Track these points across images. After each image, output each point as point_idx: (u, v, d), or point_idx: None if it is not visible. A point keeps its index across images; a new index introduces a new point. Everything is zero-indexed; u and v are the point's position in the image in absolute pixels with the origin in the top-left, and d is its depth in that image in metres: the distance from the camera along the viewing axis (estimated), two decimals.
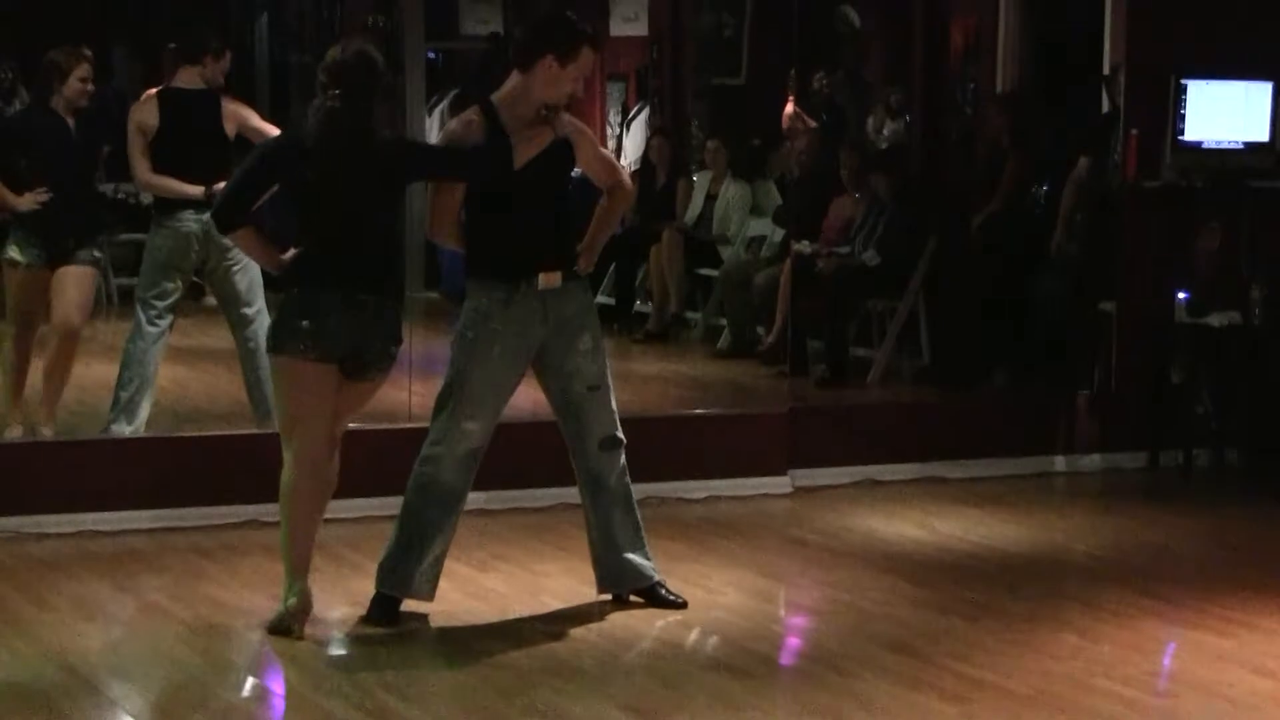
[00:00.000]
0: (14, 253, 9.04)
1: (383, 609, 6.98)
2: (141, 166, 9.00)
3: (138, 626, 6.98)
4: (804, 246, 11.40)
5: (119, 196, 11.43)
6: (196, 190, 8.90)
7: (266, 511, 8.37)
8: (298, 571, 6.81)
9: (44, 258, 8.99)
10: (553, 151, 6.95)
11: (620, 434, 7.15)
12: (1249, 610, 7.34)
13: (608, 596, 7.24)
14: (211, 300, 9.41)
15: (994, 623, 7.11)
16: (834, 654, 6.78)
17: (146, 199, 11.15)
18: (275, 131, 9.03)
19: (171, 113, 9.02)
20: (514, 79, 6.98)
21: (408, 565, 6.98)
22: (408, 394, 9.45)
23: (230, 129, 9.12)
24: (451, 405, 6.95)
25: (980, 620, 7.15)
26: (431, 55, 13.13)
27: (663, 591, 7.22)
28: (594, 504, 7.18)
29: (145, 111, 9.02)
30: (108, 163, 11.83)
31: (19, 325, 9.19)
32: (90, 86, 9.05)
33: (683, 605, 7.19)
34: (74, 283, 8.99)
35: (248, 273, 9.09)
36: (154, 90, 9.15)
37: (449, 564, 7.11)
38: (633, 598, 7.22)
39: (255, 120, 9.17)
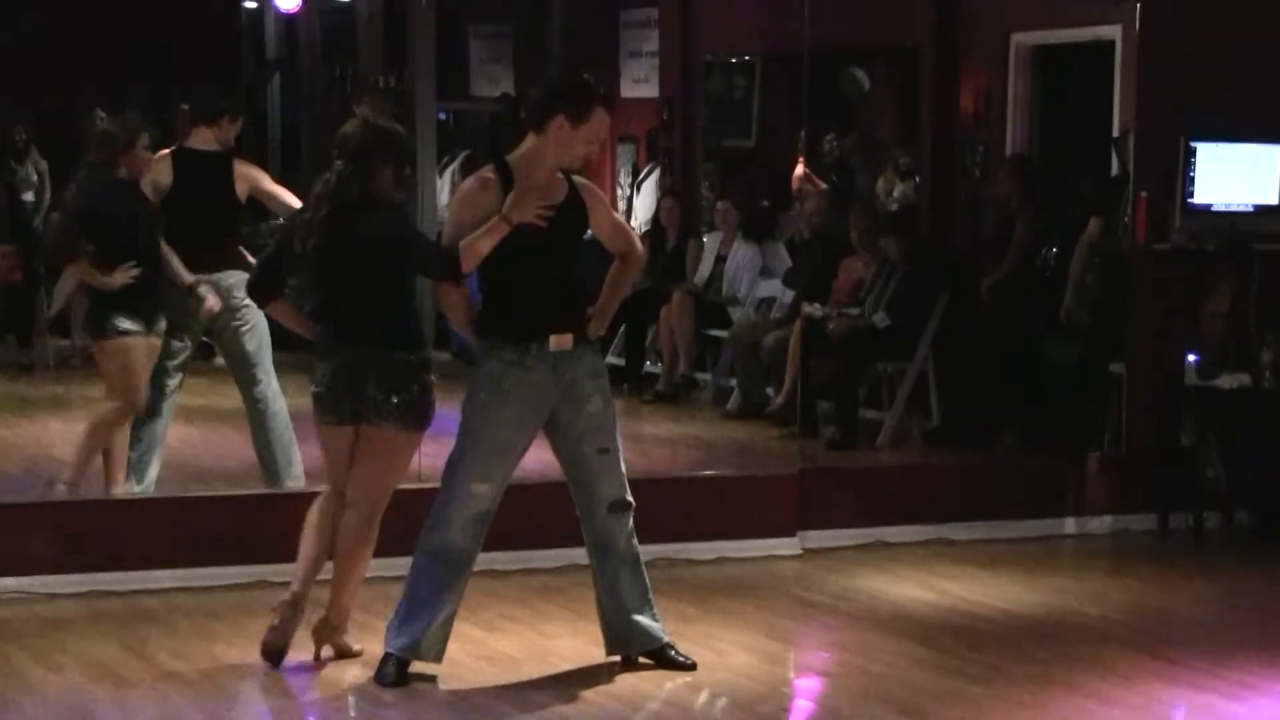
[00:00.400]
0: (127, 323, 8.76)
1: (392, 670, 6.97)
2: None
3: (146, 688, 6.96)
4: (814, 309, 11.42)
5: None
6: (186, 279, 8.89)
7: (275, 572, 8.37)
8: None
9: (149, 328, 8.87)
10: (565, 214, 6.96)
11: (629, 497, 7.14)
12: (1259, 673, 7.32)
13: (616, 658, 7.23)
14: (222, 360, 9.43)
15: (1004, 685, 7.10)
16: (843, 716, 6.77)
17: None
18: (285, 193, 9.08)
19: (184, 173, 9.05)
20: (529, 140, 7.00)
21: (416, 627, 6.97)
22: (418, 455, 9.45)
23: (242, 190, 9.16)
24: (462, 467, 6.95)
25: (991, 683, 7.13)
26: (442, 115, 13.19)
27: (672, 653, 7.21)
28: (602, 566, 7.17)
29: (159, 170, 9.05)
30: None
31: (132, 397, 8.88)
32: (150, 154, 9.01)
33: (692, 667, 7.18)
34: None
35: (257, 334, 9.11)
36: (167, 150, 9.19)
37: (458, 625, 7.10)
38: (642, 659, 7.21)
39: (266, 183, 9.21)
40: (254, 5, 14.59)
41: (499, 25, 14.78)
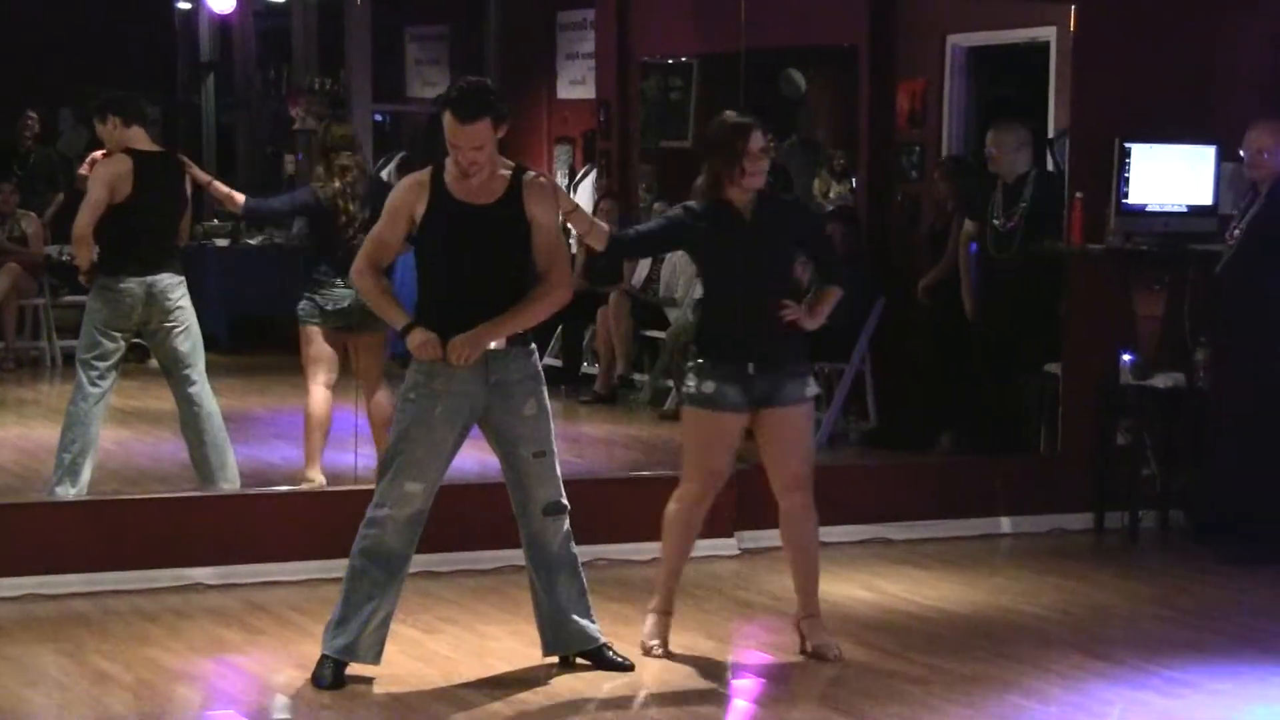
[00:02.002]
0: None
1: (328, 672, 6.93)
2: (90, 220, 8.96)
3: (80, 691, 6.91)
4: None
5: (63, 259, 11.41)
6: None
7: (211, 575, 8.35)
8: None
9: None
10: (504, 213, 6.94)
11: (564, 500, 7.13)
12: (1194, 670, 7.36)
13: (554, 659, 7.21)
14: (155, 362, 9.37)
15: (941, 685, 7.11)
16: (781, 717, 6.77)
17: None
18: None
19: (142, 174, 9.00)
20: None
21: (352, 629, 6.93)
22: (354, 456, 9.43)
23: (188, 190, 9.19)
24: (394, 467, 6.93)
25: (928, 682, 7.14)
26: (379, 117, 13.17)
27: (610, 654, 7.20)
28: (538, 568, 7.16)
29: (120, 170, 9.00)
30: (51, 224, 11.82)
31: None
32: None
33: (630, 668, 7.17)
34: None
35: (190, 335, 9.08)
36: (123, 151, 9.12)
37: (395, 627, 7.07)
38: (580, 660, 7.19)
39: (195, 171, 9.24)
40: (188, 6, 14.53)
41: (435, 27, 14.77)
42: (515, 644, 7.53)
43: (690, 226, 7.29)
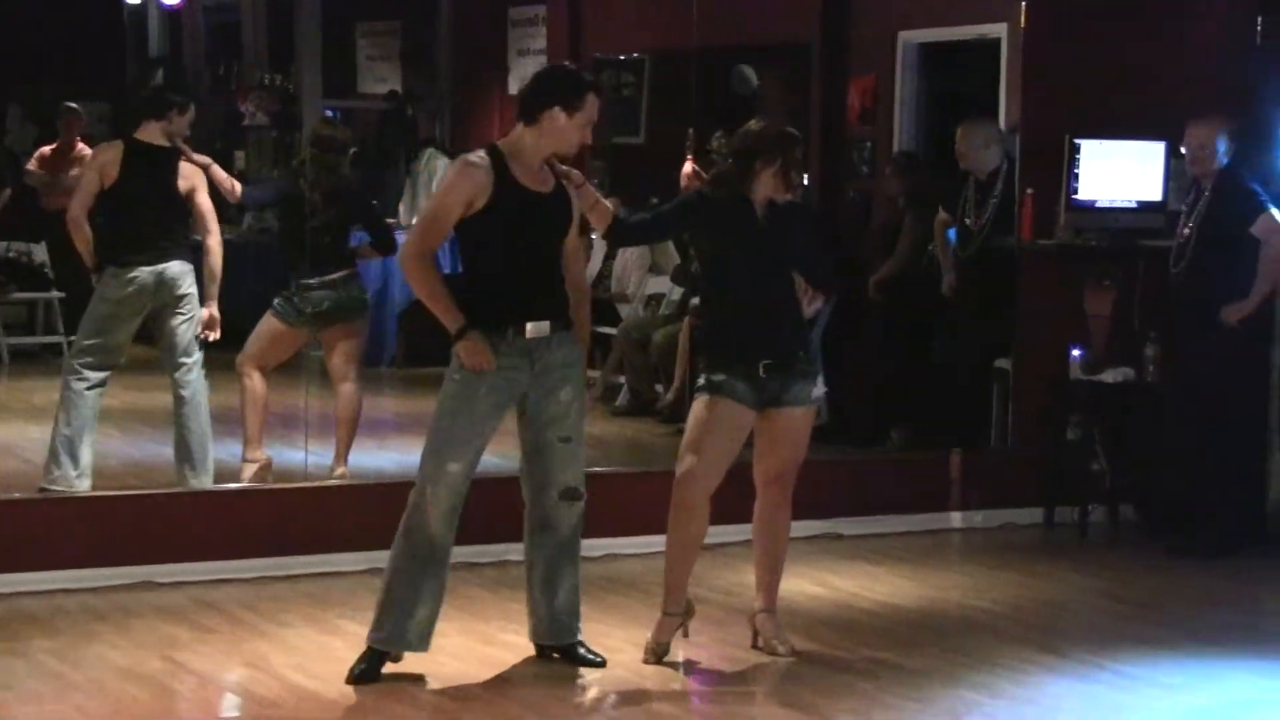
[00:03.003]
0: None
1: (365, 665, 6.91)
2: (79, 204, 9.01)
3: (28, 689, 6.87)
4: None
5: (10, 255, 11.36)
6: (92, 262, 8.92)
7: (159, 572, 8.32)
8: None
9: None
10: (551, 204, 6.97)
11: (582, 488, 7.13)
12: (1143, 664, 7.39)
13: (497, 656, 7.20)
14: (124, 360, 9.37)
15: (891, 679, 7.12)
16: (731, 712, 6.78)
17: (40, 257, 11.09)
18: (211, 217, 9.13)
19: (132, 165, 8.99)
20: (518, 131, 7.00)
21: (397, 619, 6.90)
22: (304, 454, 9.40)
23: (183, 188, 9.16)
24: (436, 446, 6.90)
25: (878, 677, 7.15)
26: (330, 113, 13.13)
27: (581, 650, 7.20)
28: (541, 552, 7.14)
29: (107, 161, 9.05)
30: None
31: None
32: None
33: (601, 664, 7.17)
34: None
35: (194, 325, 9.12)
36: (118, 141, 9.19)
37: (339, 623, 7.05)
38: (554, 655, 7.20)
39: (202, 194, 9.22)
40: (137, 1, 14.47)
41: (386, 23, 14.73)
42: (466, 641, 7.52)
43: (704, 212, 7.29)
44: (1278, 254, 9.34)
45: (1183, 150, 9.56)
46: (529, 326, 6.92)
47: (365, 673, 6.90)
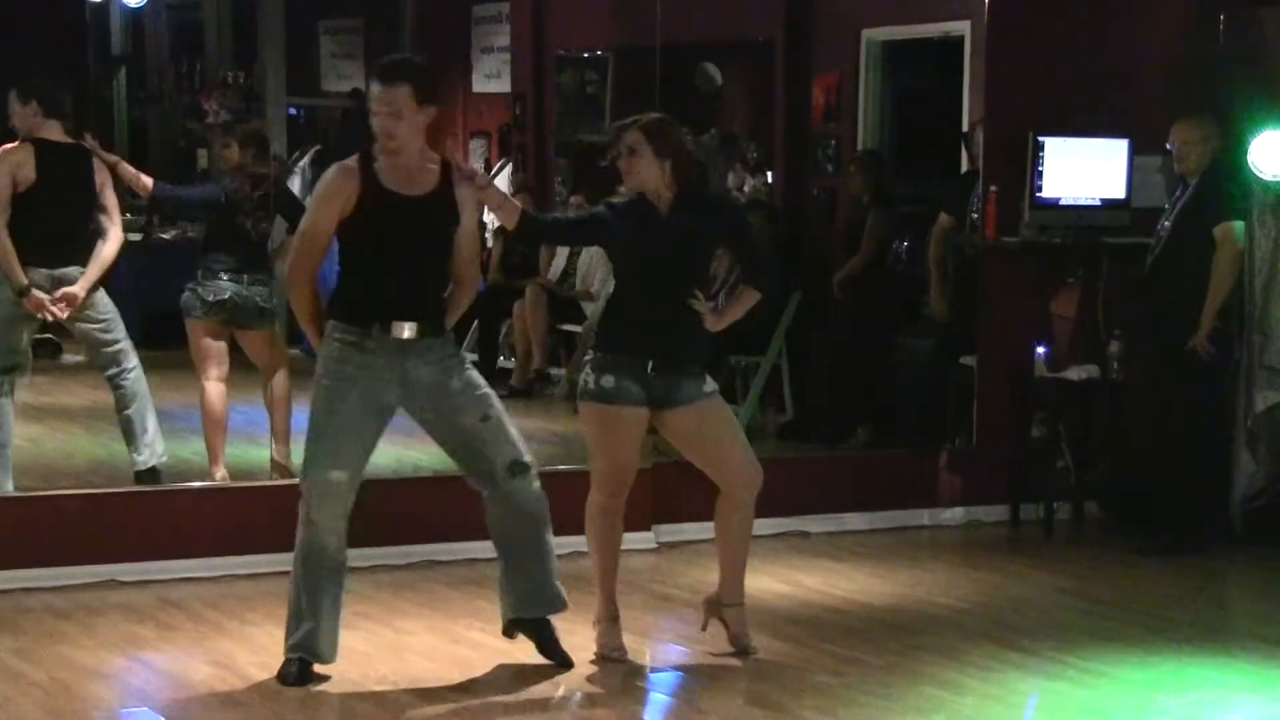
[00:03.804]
0: None
1: (293, 670, 6.87)
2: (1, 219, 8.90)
3: None
4: None
5: None
6: (20, 280, 8.80)
7: (123, 571, 8.29)
8: None
9: None
10: (436, 206, 6.89)
11: (527, 458, 7.04)
12: (1108, 661, 7.40)
13: (467, 654, 7.18)
14: (69, 358, 9.30)
15: (858, 676, 7.12)
16: (698, 709, 6.77)
17: None
18: (115, 211, 9.05)
19: (46, 165, 8.92)
20: None
21: (305, 627, 6.87)
22: (269, 452, 9.38)
23: (98, 184, 9.08)
24: (315, 456, 6.83)
25: (844, 674, 7.15)
26: (293, 111, 13.08)
27: (551, 636, 7.15)
28: (509, 533, 7.07)
29: (20, 161, 8.93)
30: None
31: None
32: None
33: (569, 665, 7.12)
34: None
35: (110, 327, 9.03)
36: (24, 142, 9.04)
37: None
38: (521, 635, 7.16)
39: (109, 192, 9.12)
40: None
41: (349, 20, 14.68)
42: (432, 639, 7.51)
43: (609, 220, 7.21)
44: (1221, 267, 9.37)
45: (1168, 146, 9.58)
46: (393, 326, 6.81)
47: (297, 676, 6.84)
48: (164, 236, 11.09)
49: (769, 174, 12.42)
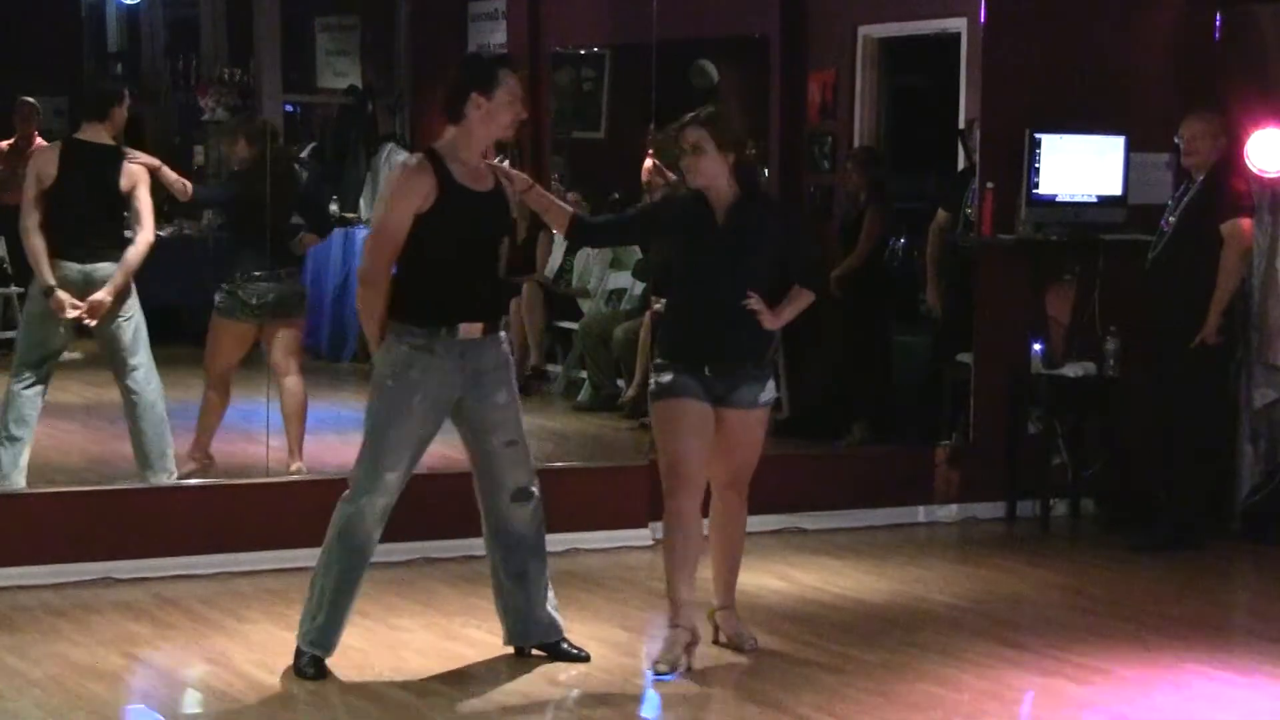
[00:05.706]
0: None
1: (308, 665, 6.89)
2: (25, 212, 8.92)
3: None
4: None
5: None
6: (46, 280, 8.80)
7: (119, 568, 8.29)
8: None
9: None
10: (489, 203, 6.91)
11: (534, 488, 7.08)
12: (1104, 657, 7.41)
13: (463, 651, 7.18)
14: (69, 355, 9.29)
15: (855, 673, 7.13)
16: (695, 705, 6.77)
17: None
18: (148, 214, 9.04)
19: (71, 164, 8.93)
20: (449, 132, 6.89)
21: (331, 620, 6.89)
22: (265, 450, 9.37)
23: (125, 186, 9.08)
24: (372, 455, 6.85)
25: (841, 671, 7.16)
26: (290, 108, 13.08)
27: (565, 646, 7.18)
28: (505, 555, 7.10)
29: (44, 161, 8.98)
30: None
31: None
32: None
33: (585, 659, 7.16)
34: None
35: (133, 325, 9.04)
36: (56, 142, 9.13)
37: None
38: (535, 651, 7.18)
39: (143, 190, 9.11)
40: None
41: (345, 17, 14.67)
42: (429, 636, 7.51)
43: (664, 217, 7.20)
44: (1229, 263, 9.37)
45: (1176, 140, 9.57)
46: (462, 327, 6.84)
47: (315, 672, 6.87)
48: (160, 234, 11.09)
49: (765, 171, 12.41)
